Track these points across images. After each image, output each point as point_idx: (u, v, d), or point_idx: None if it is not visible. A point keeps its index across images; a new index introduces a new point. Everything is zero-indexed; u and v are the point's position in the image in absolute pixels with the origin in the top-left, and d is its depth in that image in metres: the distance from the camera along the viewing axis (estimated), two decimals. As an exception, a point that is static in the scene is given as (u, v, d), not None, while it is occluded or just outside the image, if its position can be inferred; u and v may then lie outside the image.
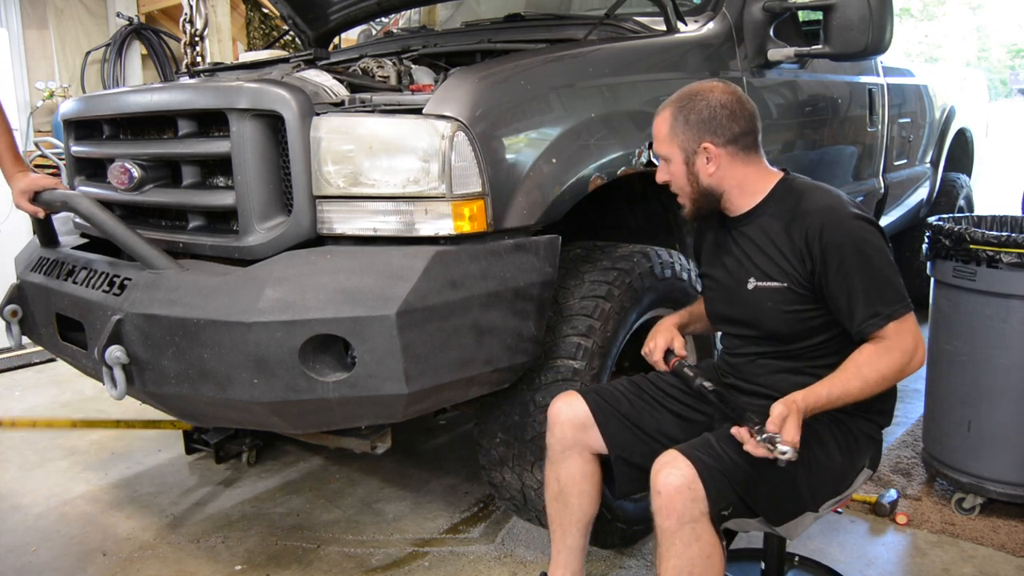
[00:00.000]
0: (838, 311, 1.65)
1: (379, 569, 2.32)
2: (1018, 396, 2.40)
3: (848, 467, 1.71)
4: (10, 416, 2.43)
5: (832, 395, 1.58)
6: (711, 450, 1.59)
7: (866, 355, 1.60)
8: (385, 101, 1.89)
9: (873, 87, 3.50)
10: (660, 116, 1.77)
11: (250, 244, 1.89)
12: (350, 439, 2.23)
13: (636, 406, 1.86)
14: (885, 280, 1.62)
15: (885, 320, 1.59)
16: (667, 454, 1.59)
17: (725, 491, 1.55)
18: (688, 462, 1.54)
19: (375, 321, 1.70)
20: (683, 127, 1.73)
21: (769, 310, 1.73)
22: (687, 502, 1.52)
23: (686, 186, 1.77)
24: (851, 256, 1.62)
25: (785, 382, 1.73)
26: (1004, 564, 2.26)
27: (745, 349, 1.84)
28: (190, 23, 4.52)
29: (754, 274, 1.75)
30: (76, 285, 2.09)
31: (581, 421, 1.84)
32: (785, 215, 1.72)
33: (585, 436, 1.84)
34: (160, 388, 1.87)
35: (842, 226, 1.64)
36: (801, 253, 1.67)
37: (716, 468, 1.55)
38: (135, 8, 6.52)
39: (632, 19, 2.53)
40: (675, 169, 1.77)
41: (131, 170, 2.08)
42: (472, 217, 1.81)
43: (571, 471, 1.86)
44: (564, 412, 1.85)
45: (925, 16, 27.04)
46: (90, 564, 2.37)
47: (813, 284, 1.67)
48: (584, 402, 1.85)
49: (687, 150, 1.74)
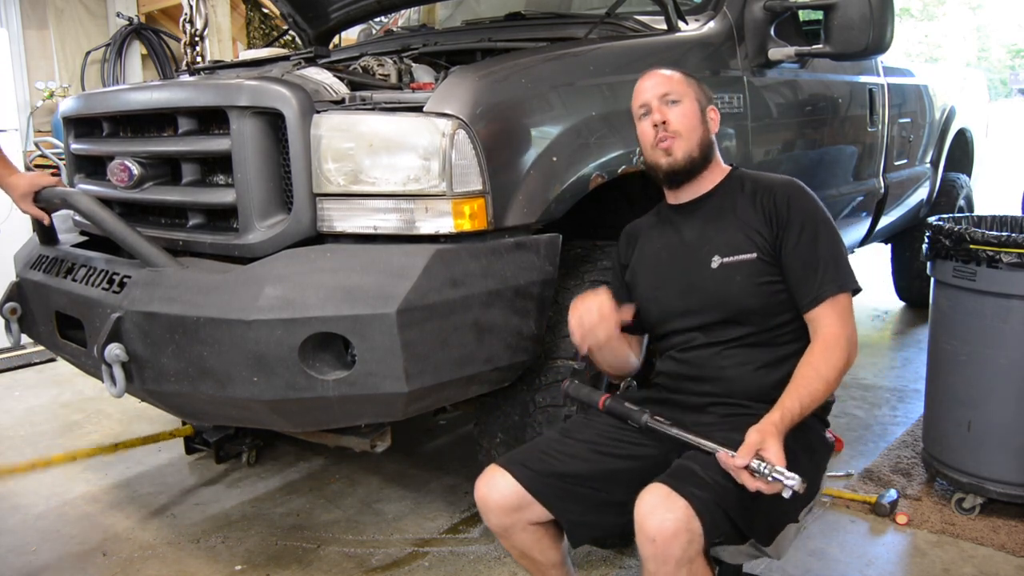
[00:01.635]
0: (795, 277, 1.64)
1: (379, 569, 2.31)
2: (1018, 396, 2.39)
3: (814, 470, 1.63)
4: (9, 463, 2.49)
5: (804, 403, 1.51)
6: (698, 479, 1.44)
7: (817, 355, 1.58)
8: (386, 99, 1.89)
9: (873, 87, 3.50)
10: (665, 70, 1.78)
11: (250, 242, 1.89)
12: (350, 437, 2.23)
13: (573, 461, 1.64)
14: (843, 255, 1.65)
15: (839, 289, 1.61)
16: (653, 493, 1.42)
17: (720, 522, 1.43)
18: (682, 501, 1.39)
19: (375, 319, 1.70)
20: (697, 86, 1.77)
21: (738, 285, 1.67)
22: (685, 545, 1.37)
23: (696, 126, 1.74)
24: (817, 226, 1.65)
25: (748, 376, 1.68)
26: (1004, 564, 2.26)
27: (705, 339, 1.71)
28: (190, 23, 4.52)
29: (718, 251, 1.70)
30: (75, 283, 2.09)
31: (514, 504, 1.61)
32: (748, 192, 1.73)
33: (523, 515, 1.62)
34: (159, 386, 1.87)
35: (808, 200, 1.69)
36: (769, 217, 1.67)
37: (710, 500, 1.41)
38: (135, 8, 6.52)
39: (633, 18, 2.53)
40: (689, 107, 1.74)
41: (131, 168, 2.08)
42: (473, 215, 1.81)
43: (523, 544, 1.67)
44: (492, 498, 1.62)
45: (925, 16, 27.07)
46: (90, 564, 2.37)
47: (776, 250, 1.66)
48: (511, 480, 1.61)
49: (701, 101, 1.76)
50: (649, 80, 1.78)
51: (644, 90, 1.77)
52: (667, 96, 1.74)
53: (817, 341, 1.61)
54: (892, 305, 5.15)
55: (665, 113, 1.73)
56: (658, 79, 1.77)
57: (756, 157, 2.62)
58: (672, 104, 1.73)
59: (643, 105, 1.76)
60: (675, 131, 1.73)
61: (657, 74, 1.78)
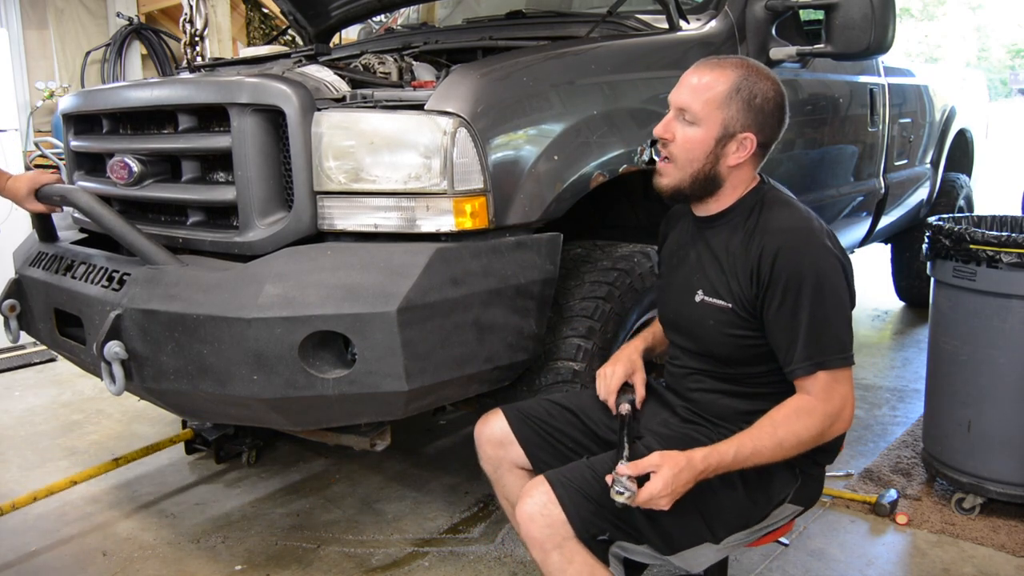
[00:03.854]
0: (774, 344, 1.53)
1: (379, 569, 2.31)
2: (1018, 396, 2.39)
3: (760, 500, 1.57)
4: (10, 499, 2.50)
5: (740, 455, 1.45)
6: (578, 472, 1.52)
7: (784, 414, 1.48)
8: (387, 97, 1.88)
9: (874, 87, 3.50)
10: (720, 75, 1.54)
11: (250, 240, 1.88)
12: (349, 436, 2.23)
13: (557, 424, 1.75)
14: (831, 324, 1.48)
15: (816, 368, 1.47)
16: (532, 481, 1.53)
17: (591, 515, 1.47)
18: (545, 486, 1.49)
19: (375, 318, 1.69)
20: (741, 104, 1.52)
21: (711, 328, 1.61)
22: (543, 528, 1.46)
23: (698, 159, 1.55)
24: (800, 291, 1.47)
25: (716, 403, 1.65)
26: (1004, 564, 2.25)
27: (683, 361, 1.72)
28: (190, 23, 4.53)
29: (703, 286, 1.62)
30: (75, 280, 2.08)
31: (499, 438, 1.75)
32: (748, 227, 1.57)
33: (506, 453, 1.75)
34: (159, 384, 1.87)
35: (801, 254, 1.49)
36: (752, 273, 1.52)
37: (579, 491, 1.48)
38: (135, 8, 6.52)
39: (634, 17, 2.53)
40: (699, 137, 1.54)
41: (131, 165, 2.08)
42: (473, 214, 1.80)
43: (510, 489, 1.77)
44: (483, 432, 1.78)
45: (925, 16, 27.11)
46: (90, 564, 2.36)
47: (755, 310, 1.54)
48: (502, 418, 1.76)
49: (729, 128, 1.53)
50: (691, 77, 1.57)
51: (679, 85, 1.59)
52: (685, 112, 1.56)
53: (793, 400, 1.50)
54: (892, 305, 5.15)
55: (673, 130, 1.57)
56: (694, 84, 1.55)
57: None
58: (684, 123, 1.56)
59: (669, 101, 1.60)
60: (672, 155, 1.58)
61: (705, 73, 1.55)
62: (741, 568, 2.22)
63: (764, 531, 1.64)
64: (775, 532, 1.69)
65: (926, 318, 2.76)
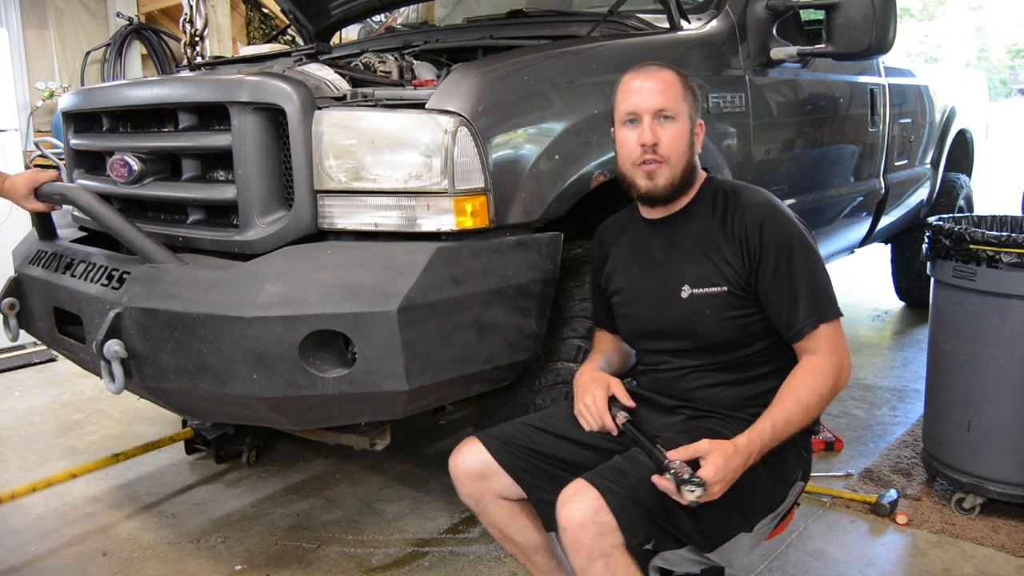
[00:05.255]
0: (774, 311, 1.58)
1: (379, 569, 2.31)
2: (1018, 396, 2.39)
3: (779, 482, 1.61)
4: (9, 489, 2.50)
5: (776, 429, 1.48)
6: (620, 476, 1.45)
7: (799, 378, 1.54)
8: (387, 96, 1.88)
9: (874, 87, 3.50)
10: (668, 73, 1.60)
11: (250, 238, 1.88)
12: (349, 436, 2.22)
13: (543, 439, 1.69)
14: (820, 281, 1.57)
15: (818, 322, 1.54)
16: (572, 485, 1.45)
17: (639, 520, 1.41)
18: (595, 492, 1.41)
19: (376, 317, 1.69)
20: (691, 96, 1.62)
21: (708, 318, 1.61)
22: (594, 536, 1.39)
23: (685, 152, 1.60)
24: (791, 254, 1.56)
25: (720, 395, 1.66)
26: (1004, 564, 2.25)
27: (676, 363, 1.70)
28: (190, 23, 4.52)
29: (689, 280, 1.63)
30: (74, 278, 2.08)
31: (479, 471, 1.66)
32: (718, 213, 1.62)
33: (489, 485, 1.67)
34: (159, 383, 1.86)
35: (781, 223, 1.59)
36: (741, 249, 1.58)
37: (625, 496, 1.42)
38: (135, 8, 6.52)
39: (635, 16, 2.53)
40: (681, 130, 1.59)
41: (131, 163, 2.08)
42: (474, 213, 1.80)
43: (496, 518, 1.72)
44: (459, 466, 1.68)
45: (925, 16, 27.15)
46: (90, 564, 2.36)
47: (750, 285, 1.59)
48: (481, 449, 1.67)
49: (693, 117, 1.62)
50: (644, 82, 1.60)
51: (636, 94, 1.60)
52: (662, 112, 1.58)
53: (801, 365, 1.57)
54: (892, 305, 5.15)
55: (657, 133, 1.58)
56: (656, 86, 1.59)
57: (757, 156, 2.62)
58: (666, 121, 1.59)
59: (632, 113, 1.61)
60: (664, 156, 1.59)
61: (655, 76, 1.60)
62: (741, 568, 2.21)
63: (781, 515, 1.67)
64: (787, 519, 1.72)
65: (926, 318, 2.76)
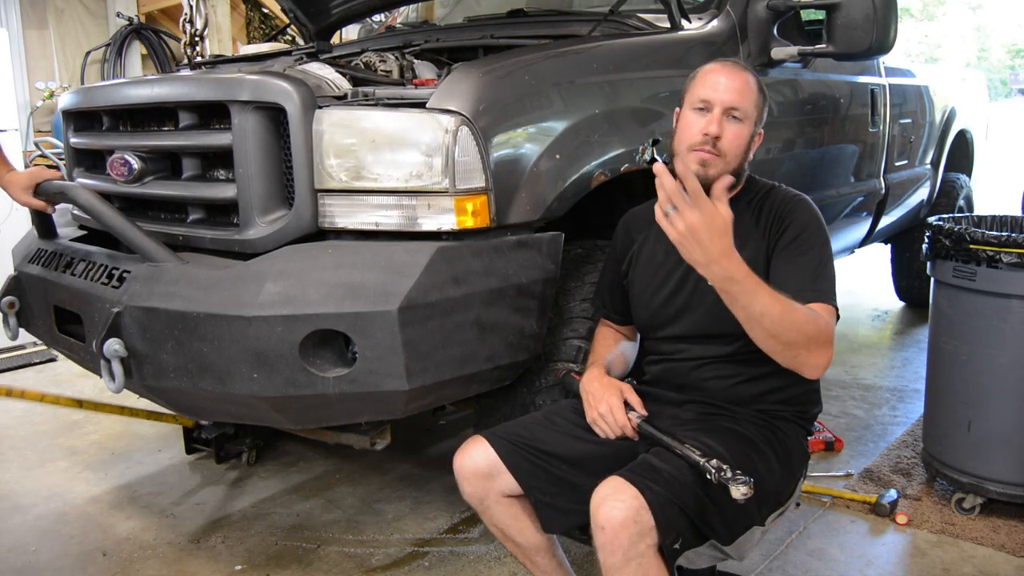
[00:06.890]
0: (780, 275, 1.58)
1: (379, 569, 2.30)
2: (1018, 396, 2.39)
3: (787, 477, 1.64)
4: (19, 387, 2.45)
5: (759, 292, 1.40)
6: (656, 474, 1.44)
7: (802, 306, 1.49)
8: (388, 95, 1.88)
9: (875, 87, 3.50)
10: (750, 78, 1.66)
11: (251, 237, 1.88)
12: (349, 435, 2.22)
13: (549, 437, 1.68)
14: (829, 271, 1.62)
15: (818, 296, 1.56)
16: (608, 484, 1.43)
17: (675, 519, 1.41)
18: (635, 491, 1.39)
19: (376, 317, 1.69)
20: (763, 104, 1.69)
21: None
22: (634, 537, 1.37)
23: (742, 154, 1.65)
24: (811, 236, 1.62)
25: (732, 388, 1.68)
26: (1004, 564, 2.25)
27: (692, 352, 1.72)
28: (190, 23, 4.52)
29: None
30: (74, 277, 2.08)
31: (485, 470, 1.66)
32: (754, 207, 1.70)
33: (494, 484, 1.66)
34: (159, 382, 1.86)
35: (812, 212, 1.67)
36: (767, 230, 1.65)
37: (664, 494, 1.41)
38: (135, 8, 6.53)
39: (636, 16, 2.52)
40: (745, 133, 1.64)
41: (131, 162, 2.07)
42: (475, 212, 1.80)
43: (499, 518, 1.72)
44: (466, 465, 1.68)
45: (925, 16, 27.16)
46: (90, 564, 2.35)
47: (767, 261, 1.63)
48: (488, 448, 1.66)
49: (758, 125, 1.68)
50: (726, 78, 1.64)
51: (714, 86, 1.64)
52: (734, 110, 1.63)
53: None
54: (892, 305, 5.14)
55: (723, 129, 1.62)
56: (735, 85, 1.63)
57: (757, 156, 2.60)
58: (733, 120, 1.63)
59: (705, 101, 1.63)
60: (722, 151, 1.63)
61: (737, 76, 1.64)
62: (741, 568, 2.21)
63: (787, 507, 1.68)
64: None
65: (926, 318, 2.76)
